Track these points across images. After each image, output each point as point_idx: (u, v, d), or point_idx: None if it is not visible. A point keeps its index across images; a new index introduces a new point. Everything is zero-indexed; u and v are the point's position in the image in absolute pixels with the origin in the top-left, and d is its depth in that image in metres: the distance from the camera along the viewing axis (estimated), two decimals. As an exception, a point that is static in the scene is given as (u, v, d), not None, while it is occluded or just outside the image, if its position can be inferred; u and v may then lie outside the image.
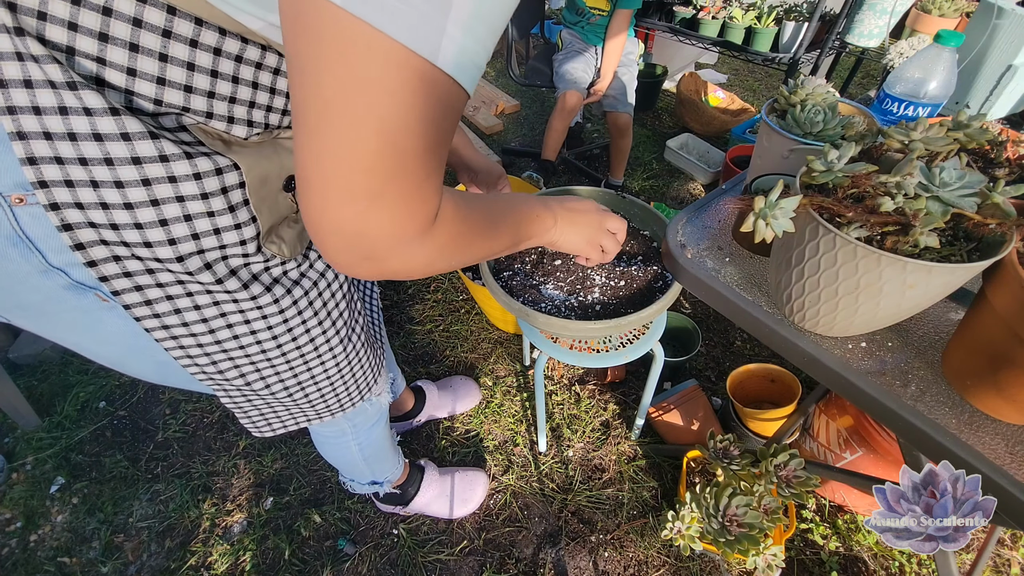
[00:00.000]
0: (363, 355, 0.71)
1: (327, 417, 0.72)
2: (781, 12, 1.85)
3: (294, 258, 0.54)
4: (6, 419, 1.35)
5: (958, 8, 1.55)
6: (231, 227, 0.45)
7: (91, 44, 0.34)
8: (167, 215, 0.41)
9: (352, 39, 0.27)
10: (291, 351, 0.59)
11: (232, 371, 0.57)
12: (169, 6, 0.35)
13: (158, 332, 0.49)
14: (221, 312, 0.51)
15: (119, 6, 0.34)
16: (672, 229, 0.69)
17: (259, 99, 0.43)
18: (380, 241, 0.35)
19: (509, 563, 1.10)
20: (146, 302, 0.46)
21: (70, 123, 0.35)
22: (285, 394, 0.64)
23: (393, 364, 1.17)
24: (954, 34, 0.72)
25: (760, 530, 0.84)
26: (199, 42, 0.37)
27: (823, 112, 0.61)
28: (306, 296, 0.56)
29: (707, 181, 2.20)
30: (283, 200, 0.50)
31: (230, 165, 0.43)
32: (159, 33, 0.35)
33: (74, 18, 0.33)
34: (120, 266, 0.43)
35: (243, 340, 0.54)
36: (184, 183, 0.40)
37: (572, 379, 1.45)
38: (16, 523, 1.19)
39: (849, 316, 0.51)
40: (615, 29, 1.78)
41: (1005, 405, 0.48)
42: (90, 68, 0.35)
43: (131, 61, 0.35)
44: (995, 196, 0.41)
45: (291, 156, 0.48)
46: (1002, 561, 1.09)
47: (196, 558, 1.12)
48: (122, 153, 0.37)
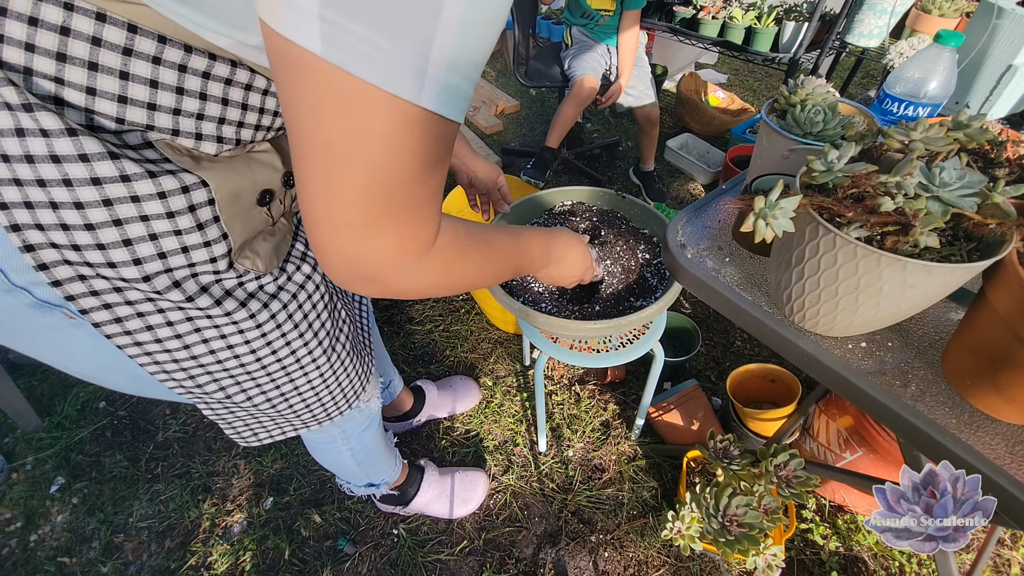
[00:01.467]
0: (348, 364, 0.70)
1: (314, 426, 0.72)
2: (781, 12, 1.85)
3: (270, 272, 0.53)
4: (6, 419, 1.35)
5: (958, 8, 1.55)
6: (200, 245, 0.44)
7: (48, 64, 0.33)
8: (131, 235, 0.40)
9: (335, 88, 0.28)
10: (271, 364, 0.58)
11: (212, 385, 0.56)
12: (130, 24, 0.34)
13: (131, 349, 0.48)
14: (195, 328, 0.50)
15: (77, 25, 0.33)
16: (672, 229, 0.69)
17: (229, 115, 0.43)
18: (379, 265, 0.36)
19: (509, 563, 1.10)
20: (116, 320, 0.45)
21: (27, 145, 0.34)
22: (268, 406, 0.63)
23: (390, 365, 1.17)
24: (954, 34, 0.72)
25: (760, 530, 0.84)
26: (162, 59, 0.37)
27: (823, 112, 0.61)
28: (284, 309, 0.55)
29: (707, 181, 2.20)
30: (257, 214, 0.49)
31: (198, 183, 0.42)
32: (119, 51, 0.35)
33: (31, 39, 0.32)
34: (86, 285, 0.42)
35: (220, 355, 0.53)
36: (148, 202, 0.39)
37: (572, 379, 1.45)
38: (16, 523, 1.19)
39: (849, 316, 0.50)
40: (627, 28, 1.78)
41: (1005, 405, 0.48)
42: (48, 88, 0.34)
43: (90, 80, 0.35)
44: (995, 196, 0.41)
45: (264, 170, 0.48)
46: (1002, 561, 1.09)
47: (196, 558, 1.12)
48: (81, 174, 0.36)
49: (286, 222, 0.56)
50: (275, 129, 0.48)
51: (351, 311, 0.78)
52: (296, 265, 0.57)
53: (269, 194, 0.49)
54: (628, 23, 1.78)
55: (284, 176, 0.50)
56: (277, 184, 0.50)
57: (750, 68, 3.25)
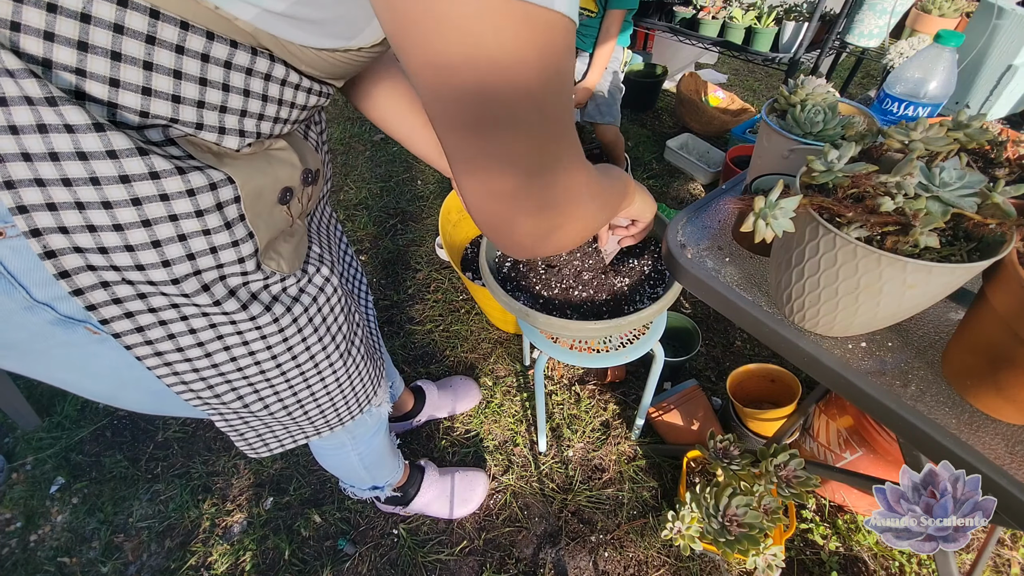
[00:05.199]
0: (363, 367, 0.69)
1: (325, 432, 0.71)
2: (781, 12, 1.85)
3: (293, 273, 0.52)
4: (6, 419, 1.35)
5: (958, 8, 1.55)
6: (228, 245, 0.43)
7: (70, 55, 0.31)
8: (160, 235, 0.39)
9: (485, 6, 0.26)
10: (291, 370, 0.57)
11: (230, 395, 0.56)
12: (152, 9, 0.32)
13: (151, 360, 0.47)
14: (218, 335, 0.49)
15: (98, 11, 0.31)
16: (672, 229, 0.69)
17: (251, 107, 0.41)
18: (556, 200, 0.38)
19: (509, 563, 1.10)
20: (137, 329, 0.44)
21: (51, 142, 0.32)
22: (284, 414, 0.62)
23: (391, 367, 1.17)
24: (954, 34, 0.72)
25: (760, 530, 0.84)
26: (185, 48, 0.35)
27: (823, 112, 0.61)
28: (306, 313, 0.54)
29: (707, 181, 2.20)
30: (279, 213, 0.48)
31: (224, 179, 0.40)
32: (142, 39, 0.33)
33: (50, 27, 0.30)
34: (109, 292, 0.41)
35: (241, 363, 0.52)
36: (177, 201, 0.38)
37: (572, 379, 1.45)
38: (16, 523, 1.19)
39: (849, 316, 0.50)
40: (606, 30, 1.74)
41: (1005, 405, 0.48)
42: (69, 80, 0.32)
43: (113, 71, 0.33)
44: (995, 196, 0.41)
45: (284, 167, 0.47)
46: (1002, 561, 1.09)
47: (196, 558, 1.12)
48: (109, 172, 0.34)
49: (301, 223, 0.55)
50: (291, 122, 0.47)
51: (362, 314, 0.78)
52: (316, 267, 0.56)
53: (289, 192, 0.48)
54: (610, 26, 1.73)
55: (303, 173, 0.50)
56: (296, 182, 0.49)
57: (750, 68, 3.24)
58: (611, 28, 1.70)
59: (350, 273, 0.83)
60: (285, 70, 0.42)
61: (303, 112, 0.48)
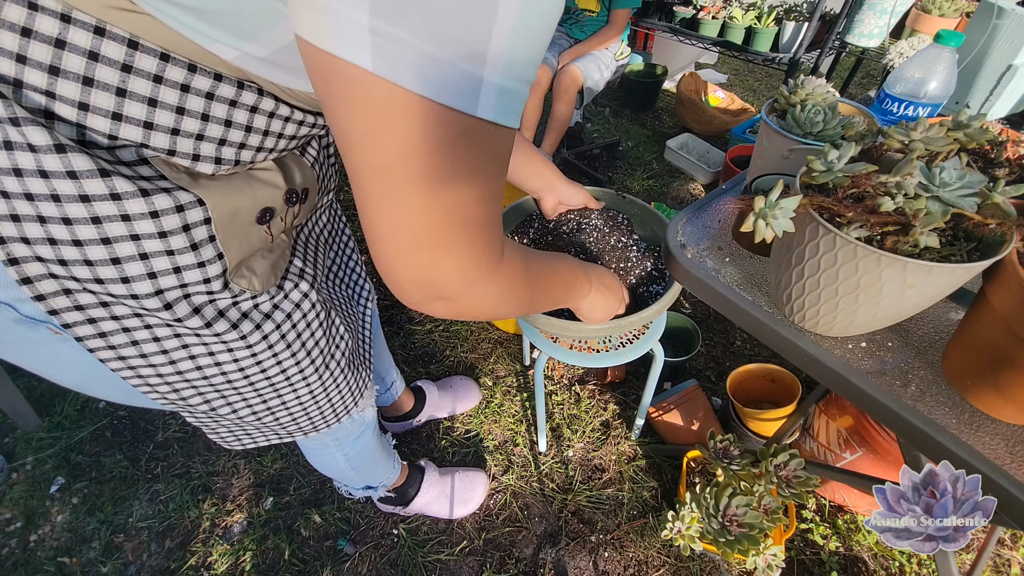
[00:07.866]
0: (342, 380, 0.68)
1: (299, 436, 0.70)
2: (781, 12, 1.85)
3: (266, 291, 0.51)
4: (6, 419, 1.35)
5: (958, 8, 1.55)
6: (193, 265, 0.43)
7: (40, 77, 0.32)
8: (120, 253, 0.39)
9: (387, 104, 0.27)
10: (260, 382, 0.57)
11: (196, 398, 0.55)
12: (131, 40, 0.33)
13: (114, 363, 0.47)
14: (183, 344, 0.48)
15: (73, 38, 0.32)
16: (672, 229, 0.69)
17: (231, 136, 0.41)
18: (451, 284, 0.36)
19: (509, 563, 1.10)
20: (100, 334, 0.44)
21: (15, 158, 0.33)
22: (254, 419, 0.62)
23: (392, 367, 1.17)
24: (954, 34, 0.72)
25: (760, 530, 0.84)
26: (164, 78, 0.35)
27: (823, 112, 0.61)
28: (278, 330, 0.53)
29: (707, 181, 2.20)
30: (256, 233, 0.48)
31: (193, 201, 0.40)
32: (117, 68, 0.34)
33: (23, 50, 0.31)
34: (71, 300, 0.41)
35: (207, 372, 0.52)
36: (139, 221, 0.38)
37: (572, 379, 1.45)
38: (16, 523, 1.19)
39: (849, 316, 0.50)
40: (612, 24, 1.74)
41: (1005, 405, 0.48)
42: (39, 101, 0.33)
43: (83, 96, 0.34)
44: (995, 196, 0.41)
45: (265, 188, 0.46)
46: (1002, 561, 1.09)
47: (196, 558, 1.12)
48: (69, 191, 0.35)
49: (285, 238, 0.54)
50: (278, 151, 0.47)
51: (354, 322, 0.77)
52: (294, 283, 0.55)
53: (270, 212, 0.48)
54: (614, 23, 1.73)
55: (286, 194, 0.49)
56: (279, 202, 0.49)
57: (750, 68, 3.25)
58: (617, 23, 1.72)
59: (351, 278, 0.82)
60: (274, 103, 0.42)
61: (292, 141, 0.47)
